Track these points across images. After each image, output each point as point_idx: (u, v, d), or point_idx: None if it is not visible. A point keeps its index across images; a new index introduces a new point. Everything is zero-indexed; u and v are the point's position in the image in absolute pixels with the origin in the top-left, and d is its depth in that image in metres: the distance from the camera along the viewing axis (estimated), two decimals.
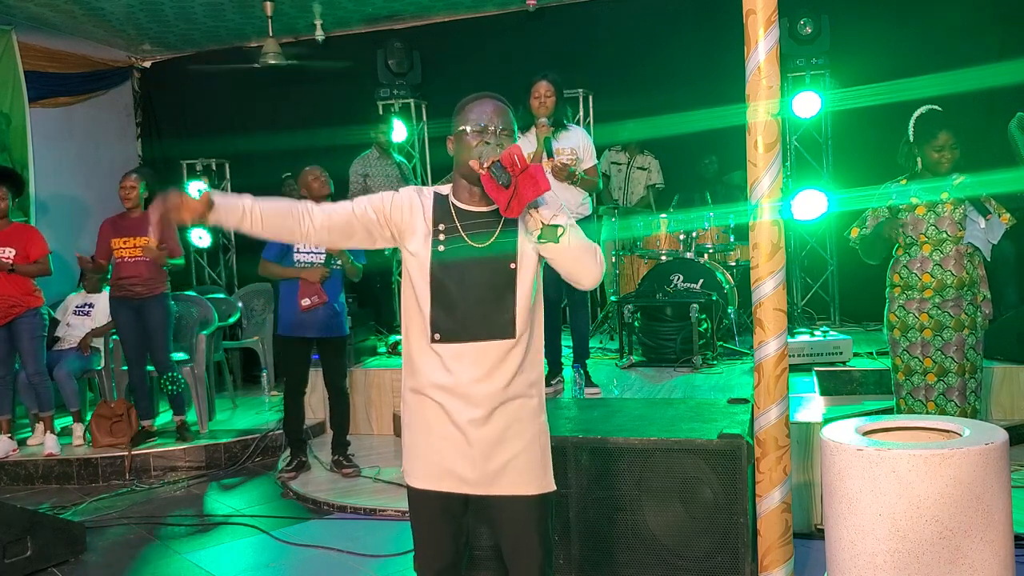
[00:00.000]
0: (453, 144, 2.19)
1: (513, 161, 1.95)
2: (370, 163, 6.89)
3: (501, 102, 2.18)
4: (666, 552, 2.94)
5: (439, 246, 2.12)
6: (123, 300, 5.35)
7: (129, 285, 5.31)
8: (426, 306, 2.13)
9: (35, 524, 3.86)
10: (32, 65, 7.55)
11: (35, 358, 5.43)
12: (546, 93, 4.74)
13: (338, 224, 2.14)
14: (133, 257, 5.30)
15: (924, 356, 3.81)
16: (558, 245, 2.04)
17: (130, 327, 5.40)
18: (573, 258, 2.08)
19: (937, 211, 3.77)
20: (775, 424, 2.73)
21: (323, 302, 4.79)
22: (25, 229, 5.56)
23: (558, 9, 7.85)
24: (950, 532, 2.17)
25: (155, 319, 5.38)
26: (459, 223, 2.13)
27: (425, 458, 2.16)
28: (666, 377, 5.25)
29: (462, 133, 2.14)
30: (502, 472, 2.12)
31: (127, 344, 5.47)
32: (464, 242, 2.12)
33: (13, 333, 5.38)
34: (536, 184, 1.96)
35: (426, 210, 2.16)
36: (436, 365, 2.12)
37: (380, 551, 3.91)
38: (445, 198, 2.19)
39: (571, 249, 2.06)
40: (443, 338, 2.11)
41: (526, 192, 1.96)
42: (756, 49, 2.64)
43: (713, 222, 6.24)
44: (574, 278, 2.14)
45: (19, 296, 5.35)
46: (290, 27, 8.08)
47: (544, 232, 2.01)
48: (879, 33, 6.98)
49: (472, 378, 2.10)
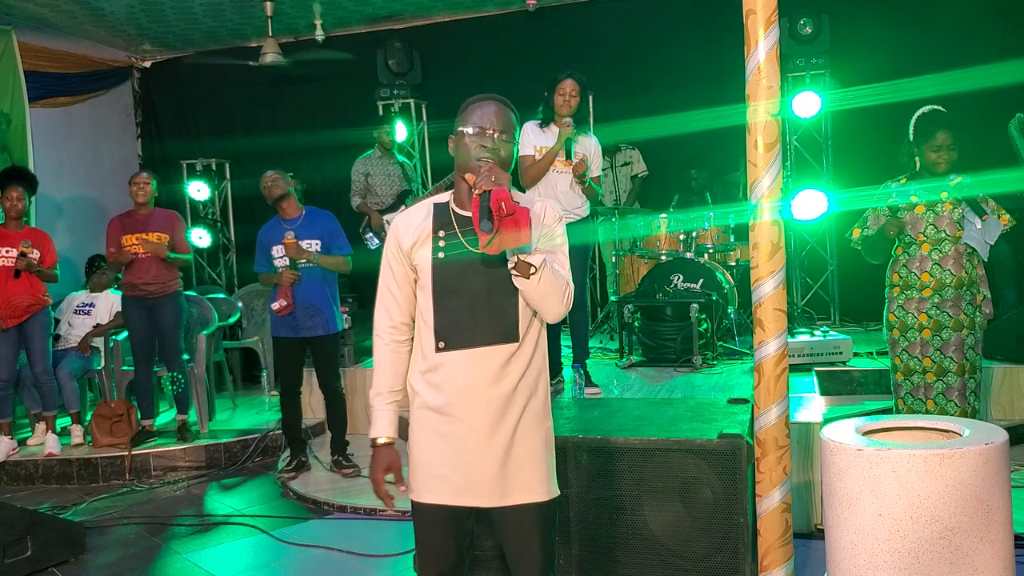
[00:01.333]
0: (453, 144, 2.18)
1: (500, 207, 1.93)
2: (372, 163, 6.90)
3: (504, 104, 2.16)
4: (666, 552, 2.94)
5: (439, 253, 2.12)
6: (136, 300, 5.37)
7: (142, 284, 5.32)
8: (429, 315, 2.12)
9: (35, 524, 3.86)
10: (32, 65, 7.55)
11: (44, 356, 5.47)
12: (572, 92, 4.74)
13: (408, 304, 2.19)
14: (145, 254, 5.32)
15: (923, 356, 3.81)
16: (527, 281, 2.03)
17: (141, 326, 5.41)
18: (540, 296, 2.06)
19: (936, 211, 3.77)
20: (775, 424, 2.73)
21: (290, 304, 4.81)
22: (42, 234, 5.59)
23: (558, 9, 7.85)
24: (950, 532, 2.17)
25: (168, 318, 5.40)
26: (459, 229, 2.13)
27: (436, 475, 2.14)
28: (666, 377, 5.25)
29: (461, 134, 2.14)
30: (513, 481, 2.12)
31: (137, 343, 5.47)
32: (463, 247, 2.11)
33: (25, 333, 5.40)
34: (518, 235, 1.95)
35: (425, 221, 2.16)
36: (443, 376, 2.12)
37: (380, 551, 3.91)
38: (445, 206, 2.18)
39: (539, 288, 2.04)
40: (448, 346, 2.11)
41: (507, 239, 1.95)
42: (756, 49, 2.64)
43: (713, 222, 6.24)
44: (537, 310, 2.14)
45: (38, 296, 5.41)
46: (290, 27, 8.08)
47: (517, 266, 2.01)
48: (879, 33, 6.98)
49: (479, 385, 2.09)
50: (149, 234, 5.32)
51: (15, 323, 5.34)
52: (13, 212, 5.40)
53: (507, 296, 2.10)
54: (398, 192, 6.88)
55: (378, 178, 6.86)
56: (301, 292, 4.85)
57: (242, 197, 8.53)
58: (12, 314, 5.31)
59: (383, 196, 6.85)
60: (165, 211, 5.55)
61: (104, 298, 6.18)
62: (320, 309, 4.91)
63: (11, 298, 5.28)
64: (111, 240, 5.40)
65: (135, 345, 5.49)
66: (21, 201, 5.43)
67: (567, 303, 2.11)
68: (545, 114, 4.82)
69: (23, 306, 5.34)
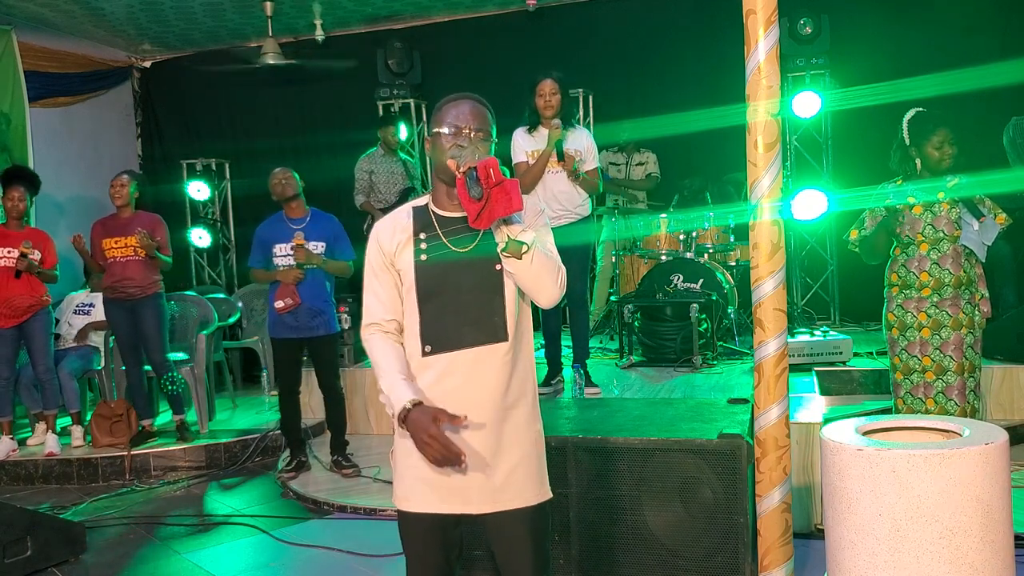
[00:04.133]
0: (430, 145, 2.14)
1: (488, 174, 1.91)
2: (375, 161, 6.90)
3: (479, 103, 2.14)
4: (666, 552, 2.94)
5: (421, 255, 2.09)
6: (117, 302, 5.35)
7: (122, 287, 5.31)
8: (414, 318, 2.08)
9: (35, 524, 3.85)
10: (32, 65, 7.55)
11: (46, 355, 5.47)
12: (551, 91, 4.73)
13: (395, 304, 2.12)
14: (124, 257, 5.29)
15: (923, 355, 3.81)
16: (519, 261, 2.00)
17: (124, 328, 5.40)
18: (533, 276, 2.03)
19: (934, 211, 3.77)
20: (775, 424, 2.73)
21: (296, 304, 4.79)
22: (43, 235, 5.57)
23: (558, 9, 7.85)
24: (950, 532, 2.17)
25: (149, 320, 5.36)
26: (440, 230, 2.10)
27: (422, 480, 2.08)
28: (666, 377, 5.25)
29: (437, 135, 2.11)
30: (503, 486, 2.08)
31: (122, 345, 5.47)
32: (446, 248, 2.08)
33: (26, 332, 5.39)
34: (509, 201, 1.92)
35: (405, 224, 2.12)
36: (429, 380, 2.07)
37: (380, 551, 3.90)
38: (424, 208, 2.15)
39: (532, 268, 2.01)
40: (435, 349, 2.07)
41: (497, 207, 1.92)
42: (756, 49, 2.64)
43: (713, 222, 6.24)
44: (532, 295, 2.10)
45: (39, 296, 5.39)
46: (290, 27, 8.08)
47: (508, 245, 1.98)
48: (879, 33, 6.98)
49: (468, 387, 2.05)
50: (130, 238, 5.25)
51: (15, 323, 5.33)
52: (14, 212, 5.39)
53: (493, 295, 2.08)
54: (401, 190, 6.88)
55: (381, 176, 6.87)
56: (305, 292, 4.84)
57: (242, 197, 8.53)
58: (12, 314, 5.30)
59: (386, 194, 6.85)
60: (148, 215, 5.46)
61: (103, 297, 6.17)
62: (322, 309, 4.92)
63: (11, 299, 5.28)
64: (93, 245, 5.38)
65: (121, 347, 5.50)
66: (23, 202, 5.41)
67: (561, 285, 2.08)
68: (531, 118, 4.82)
69: (23, 307, 5.33)
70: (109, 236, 5.34)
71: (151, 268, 5.36)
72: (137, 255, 5.29)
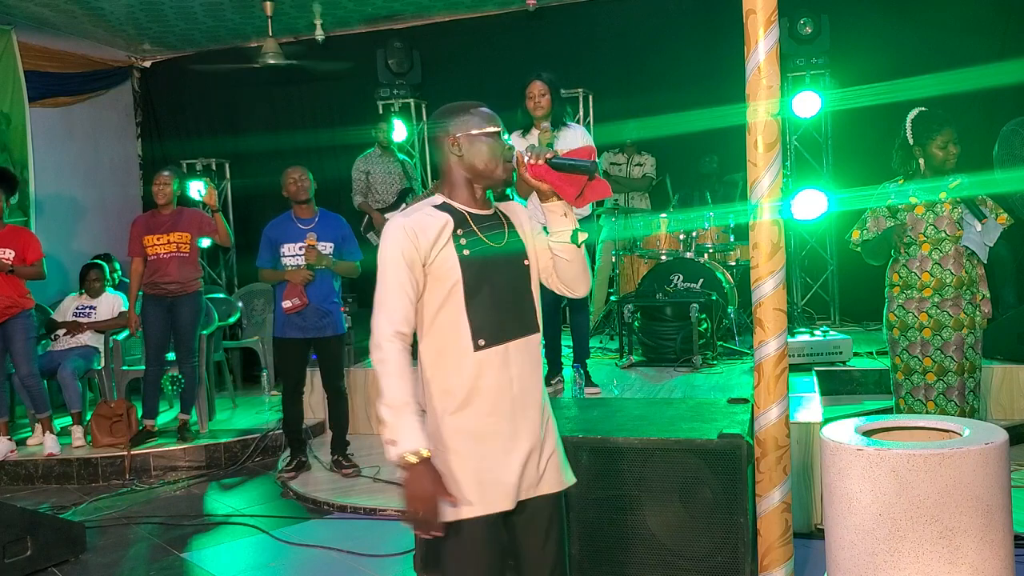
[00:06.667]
0: (454, 146, 2.11)
1: (590, 155, 2.08)
2: (372, 161, 6.90)
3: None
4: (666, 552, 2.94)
5: (463, 250, 2.06)
6: (155, 298, 5.35)
7: (164, 283, 5.31)
8: (461, 314, 2.05)
9: (35, 524, 3.86)
10: (32, 65, 7.55)
11: (28, 359, 5.39)
12: (540, 93, 4.71)
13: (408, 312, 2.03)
14: (168, 253, 5.30)
15: (923, 355, 3.81)
16: (576, 249, 2.14)
17: (158, 324, 5.40)
18: (581, 262, 2.18)
19: (936, 211, 3.77)
20: (775, 424, 2.73)
21: (304, 304, 4.79)
22: (21, 232, 5.53)
23: (558, 9, 7.85)
24: (950, 532, 2.17)
25: (186, 317, 5.39)
26: (476, 226, 2.10)
27: (493, 481, 2.03)
28: (666, 377, 5.25)
29: (472, 136, 2.09)
30: (546, 471, 2.15)
31: (151, 341, 5.45)
32: (484, 243, 2.09)
33: (6, 334, 5.33)
34: (606, 186, 2.11)
35: (438, 221, 2.07)
36: (482, 374, 2.05)
37: (380, 551, 3.91)
38: (447, 206, 2.13)
39: (579, 254, 2.15)
40: (488, 342, 2.05)
41: (599, 187, 2.09)
42: (756, 49, 2.64)
43: (713, 222, 6.24)
44: (574, 284, 2.22)
45: (15, 297, 5.31)
46: (290, 27, 8.08)
47: (575, 233, 2.12)
48: (879, 33, 6.98)
49: (523, 377, 2.11)
50: (172, 234, 5.27)
51: None
52: None
53: (526, 287, 2.16)
54: (399, 190, 6.88)
55: (378, 176, 6.87)
56: (314, 293, 4.84)
57: (242, 197, 8.54)
58: None
59: (384, 194, 6.85)
60: (191, 210, 5.49)
61: (105, 300, 6.17)
62: (330, 310, 4.93)
63: None
64: (134, 240, 5.37)
65: (149, 343, 5.47)
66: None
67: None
68: (524, 121, 4.80)
69: (1, 307, 5.25)
70: (151, 233, 5.34)
71: (192, 266, 5.38)
72: (180, 252, 5.30)
